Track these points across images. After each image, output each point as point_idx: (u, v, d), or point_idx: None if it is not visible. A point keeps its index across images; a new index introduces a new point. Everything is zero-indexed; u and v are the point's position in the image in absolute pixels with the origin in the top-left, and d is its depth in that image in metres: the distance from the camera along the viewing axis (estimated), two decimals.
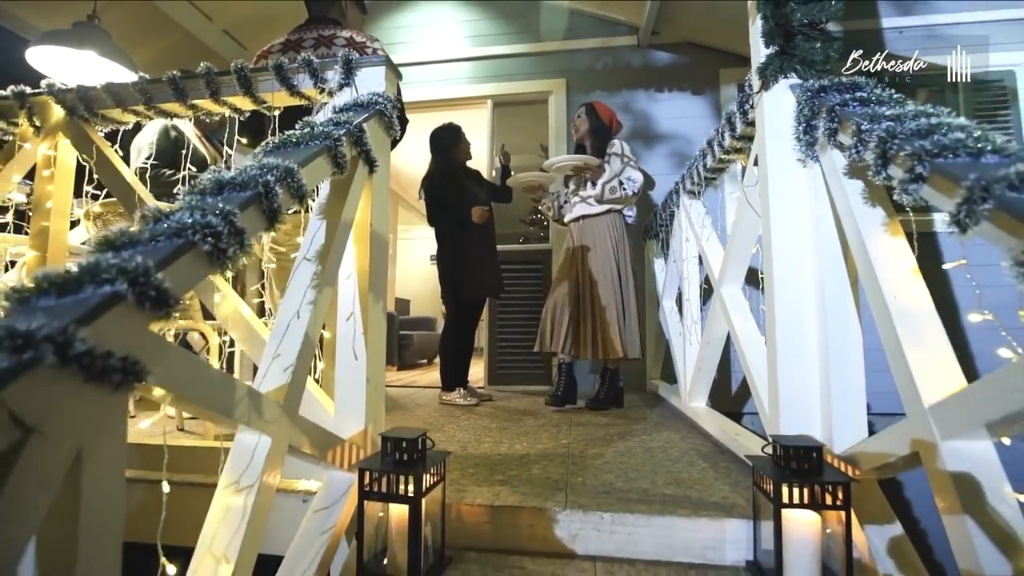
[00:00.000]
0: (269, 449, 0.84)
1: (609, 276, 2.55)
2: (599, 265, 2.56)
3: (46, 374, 0.44)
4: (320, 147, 0.98)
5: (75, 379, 0.47)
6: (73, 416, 0.47)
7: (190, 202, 0.68)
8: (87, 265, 0.53)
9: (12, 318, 0.46)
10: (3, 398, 0.42)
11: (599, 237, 2.61)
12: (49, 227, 1.51)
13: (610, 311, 2.50)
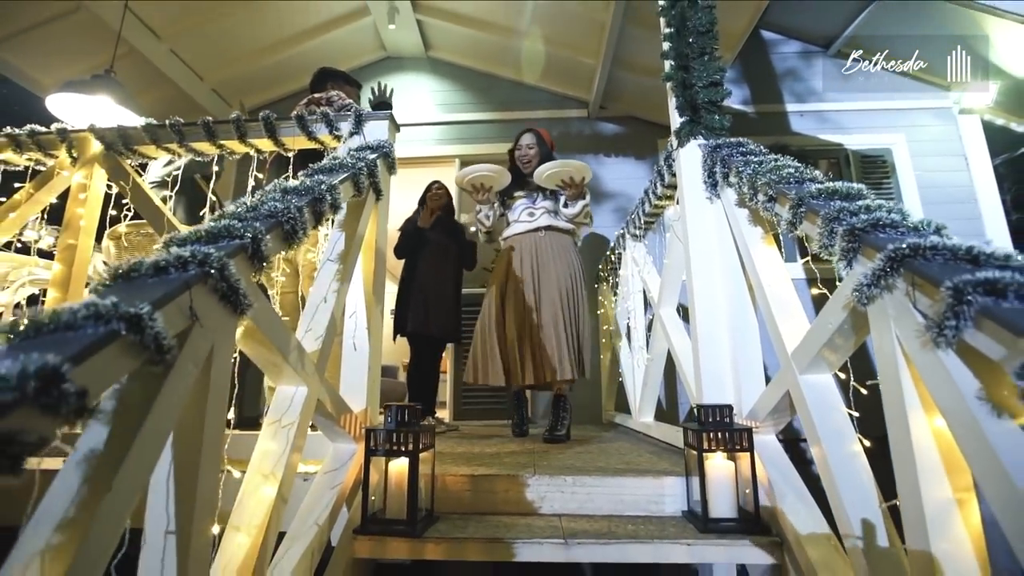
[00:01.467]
0: (306, 396, 1.07)
1: (570, 294, 2.40)
2: (562, 281, 2.40)
3: (206, 288, 0.70)
4: (348, 174, 1.28)
5: (216, 296, 0.73)
6: (213, 320, 0.73)
7: (275, 197, 0.96)
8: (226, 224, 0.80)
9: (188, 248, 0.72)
10: (191, 296, 0.68)
11: (564, 252, 2.47)
12: (76, 244, 1.70)
13: (569, 330, 2.33)
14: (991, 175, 4.25)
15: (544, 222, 2.51)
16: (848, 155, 4.31)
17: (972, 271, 0.63)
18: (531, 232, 2.52)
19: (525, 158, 2.64)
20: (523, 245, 2.51)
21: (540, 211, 2.54)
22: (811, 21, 4.39)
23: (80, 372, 0.45)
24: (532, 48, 4.06)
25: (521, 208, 2.58)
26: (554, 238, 2.50)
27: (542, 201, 2.55)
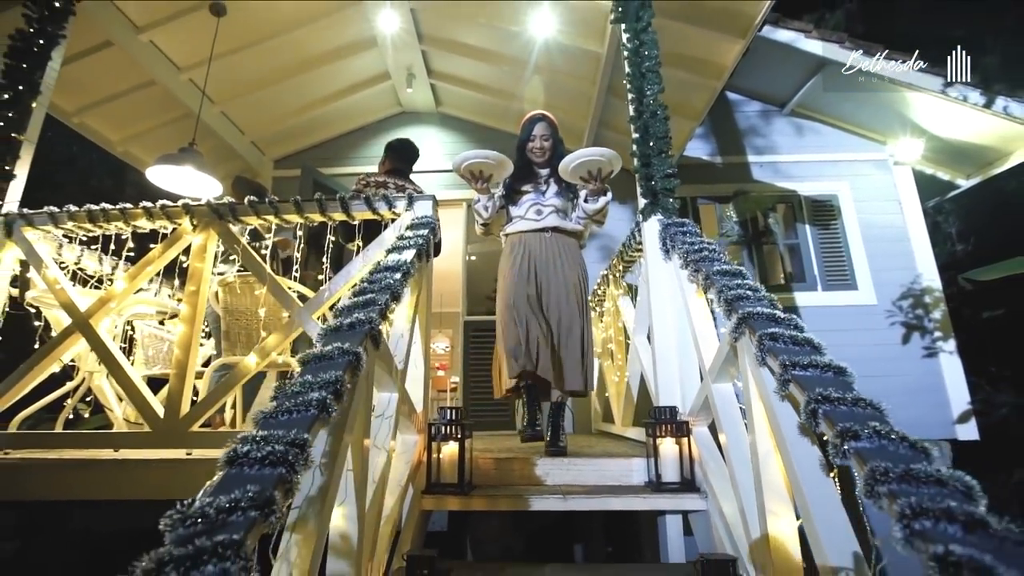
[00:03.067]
0: (397, 400, 1.66)
1: (578, 302, 2.31)
2: (571, 289, 2.30)
3: (370, 334, 1.31)
4: (418, 249, 1.89)
5: (371, 339, 1.33)
6: (370, 352, 1.33)
7: (386, 274, 1.57)
8: (371, 296, 1.40)
9: (341, 331, 1.32)
10: (367, 339, 1.28)
11: (572, 258, 2.37)
12: (197, 291, 2.29)
13: (582, 340, 2.26)
14: (921, 217, 4.98)
15: (551, 223, 2.37)
16: (801, 200, 5.02)
17: (769, 326, 1.25)
18: (537, 232, 2.38)
19: (540, 149, 2.45)
20: (530, 244, 2.37)
21: (549, 209, 2.38)
22: (767, 85, 5.14)
23: (343, 382, 1.05)
24: (531, 108, 4.74)
25: (528, 204, 2.42)
26: (561, 241, 2.38)
27: (552, 198, 2.40)
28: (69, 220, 2.39)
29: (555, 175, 2.42)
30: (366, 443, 1.38)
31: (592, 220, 2.36)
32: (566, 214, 2.42)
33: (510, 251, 2.42)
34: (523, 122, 2.54)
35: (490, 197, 2.39)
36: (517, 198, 2.48)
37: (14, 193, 2.57)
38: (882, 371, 4.53)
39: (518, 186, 2.48)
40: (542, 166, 2.49)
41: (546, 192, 2.43)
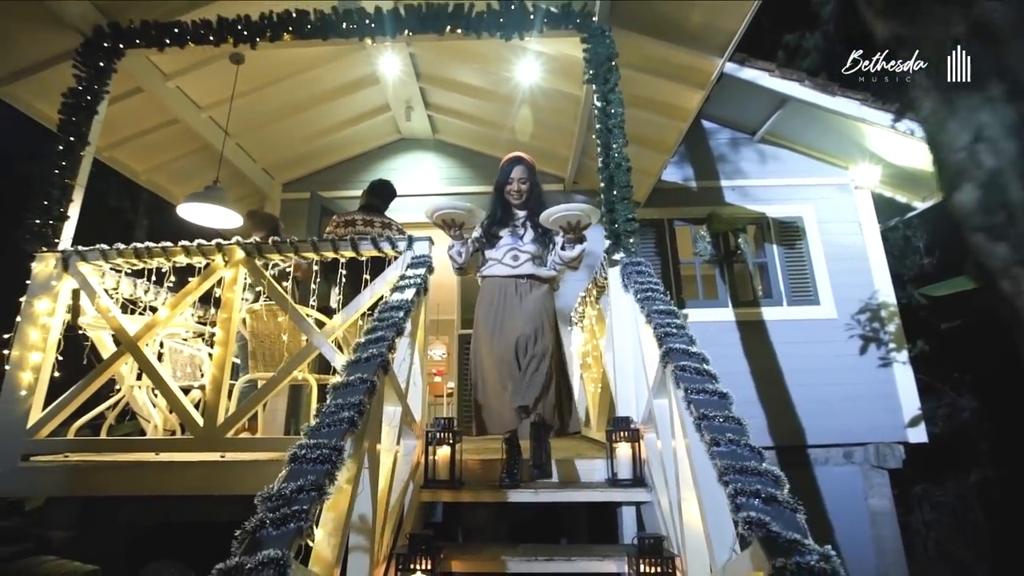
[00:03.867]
0: (401, 412, 2.08)
1: (552, 343, 2.40)
2: (546, 331, 2.39)
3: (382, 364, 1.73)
4: (417, 288, 2.30)
5: (383, 368, 1.75)
6: (380, 377, 1.74)
7: (392, 312, 1.98)
8: (382, 335, 1.82)
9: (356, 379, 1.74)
10: (381, 367, 1.70)
11: (543, 303, 2.46)
12: (229, 317, 2.70)
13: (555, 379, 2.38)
14: (878, 237, 5.42)
15: (527, 270, 2.47)
16: (769, 221, 5.45)
17: (683, 359, 1.66)
18: (513, 278, 2.48)
19: (517, 191, 2.55)
20: (506, 289, 2.47)
21: (525, 256, 2.48)
22: (738, 115, 5.58)
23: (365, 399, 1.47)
24: (520, 138, 5.17)
25: (506, 248, 2.51)
26: (534, 287, 2.48)
27: (529, 244, 2.50)
28: (118, 256, 2.80)
29: (532, 218, 2.52)
30: (378, 447, 1.79)
31: (567, 266, 2.47)
32: (542, 260, 2.52)
33: (487, 296, 2.51)
34: (502, 163, 2.63)
35: (463, 243, 2.49)
36: (495, 241, 2.55)
37: (68, 232, 2.96)
38: (841, 380, 4.96)
39: (496, 229, 2.56)
40: (519, 208, 2.58)
41: (524, 237, 2.52)
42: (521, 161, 2.60)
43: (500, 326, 2.40)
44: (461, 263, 2.51)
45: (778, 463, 4.86)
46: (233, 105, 4.03)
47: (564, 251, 2.40)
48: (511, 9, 3.11)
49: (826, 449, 4.98)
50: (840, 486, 4.96)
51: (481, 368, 2.43)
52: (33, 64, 3.38)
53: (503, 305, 2.44)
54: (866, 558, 4.81)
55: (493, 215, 2.58)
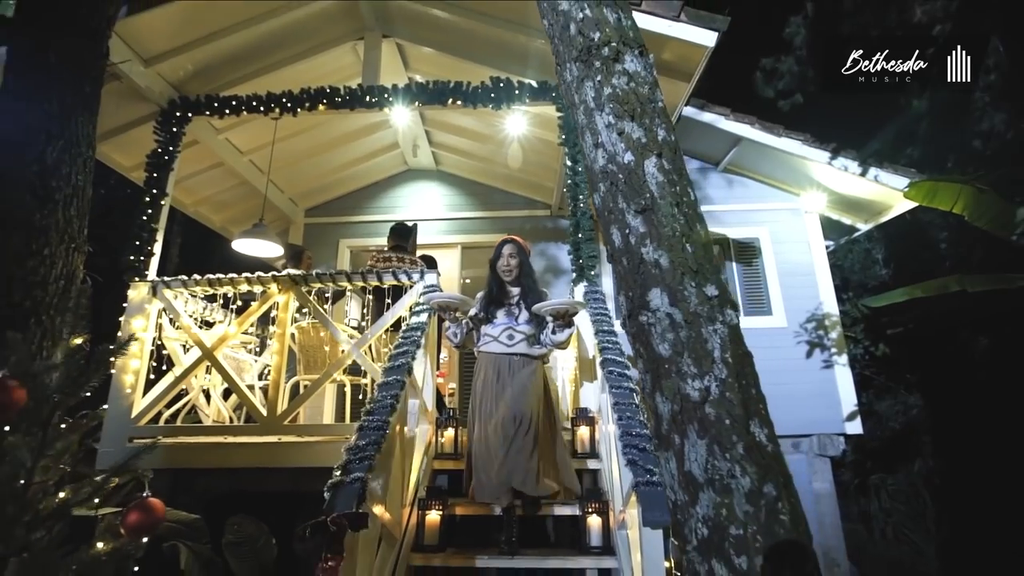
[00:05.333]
0: (419, 404, 2.88)
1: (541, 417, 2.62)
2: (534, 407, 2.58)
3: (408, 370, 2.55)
4: (428, 312, 3.11)
5: (408, 372, 2.57)
6: (407, 380, 2.56)
7: (413, 332, 2.79)
8: (406, 349, 2.64)
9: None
10: (406, 372, 2.52)
11: (535, 378, 2.69)
12: (283, 334, 3.50)
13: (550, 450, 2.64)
14: (824, 256, 6.22)
15: (520, 350, 2.69)
16: (730, 243, 6.25)
17: (611, 367, 2.47)
18: (507, 355, 2.69)
19: (507, 267, 2.80)
20: (500, 365, 2.68)
21: (520, 336, 2.70)
22: (704, 148, 6.38)
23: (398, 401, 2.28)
24: (512, 171, 5.98)
25: (502, 327, 2.73)
26: (527, 363, 2.69)
27: (523, 325, 2.71)
28: (195, 285, 3.61)
29: (525, 298, 2.76)
30: (405, 428, 2.60)
31: (556, 347, 2.72)
32: (535, 339, 2.71)
33: (482, 370, 2.73)
34: (497, 244, 2.93)
35: (459, 325, 2.72)
36: (492, 319, 2.77)
37: (154, 264, 3.77)
38: (790, 380, 5.75)
39: (493, 309, 2.79)
40: (512, 284, 2.82)
41: (518, 318, 2.74)
42: (511, 241, 2.88)
43: (494, 403, 2.60)
44: (457, 343, 2.76)
45: None
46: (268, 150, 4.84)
47: (555, 335, 2.61)
48: (500, 86, 3.92)
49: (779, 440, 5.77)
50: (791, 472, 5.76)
51: (472, 439, 2.64)
52: (117, 127, 4.19)
53: (496, 383, 2.65)
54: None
55: (489, 292, 2.82)
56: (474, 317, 2.79)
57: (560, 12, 1.44)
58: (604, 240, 1.39)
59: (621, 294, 1.29)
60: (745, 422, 1.05)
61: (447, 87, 3.95)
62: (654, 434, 1.25)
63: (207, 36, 3.94)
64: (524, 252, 2.88)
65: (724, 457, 1.02)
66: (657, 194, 1.21)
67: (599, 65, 1.33)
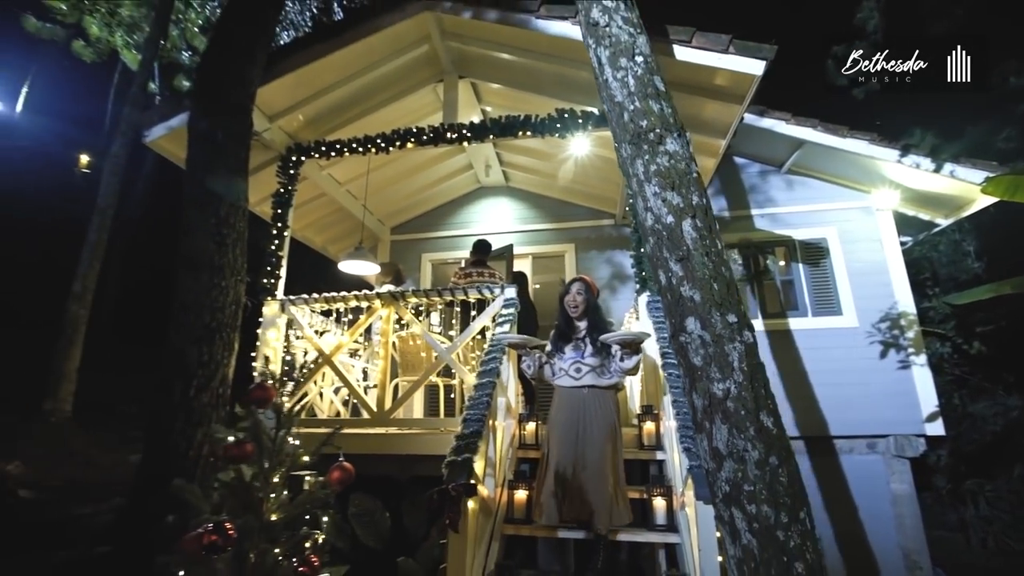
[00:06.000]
0: (505, 401, 3.40)
1: (612, 448, 2.79)
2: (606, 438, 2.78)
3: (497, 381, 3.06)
4: (509, 322, 3.62)
5: (498, 375, 3.08)
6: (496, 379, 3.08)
7: (497, 345, 3.31)
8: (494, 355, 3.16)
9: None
10: (497, 373, 3.03)
11: (606, 410, 2.86)
12: (386, 341, 4.15)
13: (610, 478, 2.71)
14: (899, 254, 6.11)
15: (588, 381, 2.87)
16: (795, 244, 6.31)
17: (669, 367, 2.84)
18: (576, 388, 2.89)
19: (573, 303, 3.00)
20: (572, 399, 2.90)
21: (587, 368, 2.89)
22: (765, 152, 6.47)
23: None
24: (577, 184, 6.40)
25: (570, 361, 2.95)
26: (597, 395, 2.87)
27: (589, 357, 2.91)
28: (315, 302, 4.34)
29: (591, 332, 2.97)
30: (496, 422, 3.12)
31: (627, 373, 2.89)
32: (602, 369, 2.91)
33: (557, 403, 2.98)
34: (566, 282, 3.22)
35: (533, 358, 3.03)
36: (561, 354, 3.01)
37: (281, 285, 4.56)
38: (861, 380, 5.75)
39: (562, 344, 3.03)
40: (579, 319, 3.03)
41: (584, 352, 2.93)
42: (579, 280, 3.13)
43: (570, 437, 2.82)
44: (531, 375, 3.09)
45: (806, 451, 5.75)
46: (363, 181, 5.58)
47: (623, 363, 2.80)
48: (565, 116, 4.36)
49: (850, 440, 5.78)
50: (864, 472, 5.74)
51: (546, 464, 2.87)
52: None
53: (568, 416, 2.88)
54: (888, 533, 5.58)
55: (558, 328, 3.09)
56: (547, 352, 3.05)
57: (616, 103, 1.87)
58: (653, 279, 1.81)
59: (667, 320, 1.71)
60: (756, 413, 1.43)
61: (517, 120, 4.45)
62: (692, 421, 1.65)
63: (315, 93, 4.70)
64: (591, 290, 3.08)
65: (740, 437, 1.41)
66: (692, 247, 1.62)
67: (646, 147, 1.75)
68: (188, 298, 3.05)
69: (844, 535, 5.51)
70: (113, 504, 4.24)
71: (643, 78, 1.84)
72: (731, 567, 1.43)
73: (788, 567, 1.23)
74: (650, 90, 1.81)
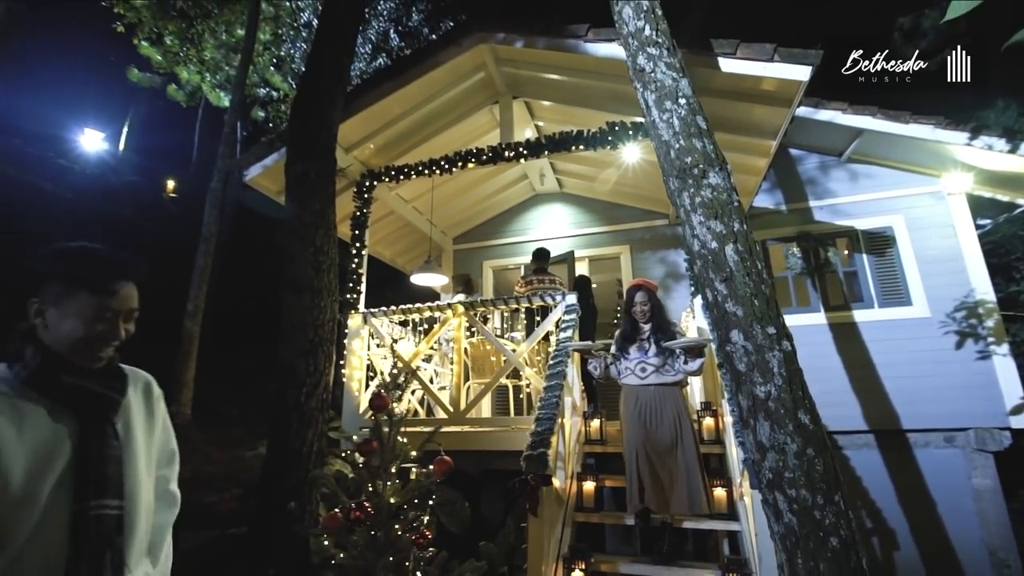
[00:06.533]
0: (572, 401, 3.71)
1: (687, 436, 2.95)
2: (677, 426, 2.96)
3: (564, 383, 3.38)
4: (572, 328, 3.92)
5: (564, 379, 3.40)
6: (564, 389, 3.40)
7: (563, 350, 3.62)
8: (561, 359, 3.47)
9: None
10: (563, 377, 3.35)
11: (672, 404, 3.03)
12: (458, 347, 4.56)
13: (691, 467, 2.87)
14: (975, 239, 5.86)
15: (653, 380, 3.06)
16: (858, 234, 6.18)
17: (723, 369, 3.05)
18: (643, 386, 3.08)
19: (641, 312, 3.18)
20: (639, 396, 3.08)
21: (651, 368, 3.07)
22: (822, 142, 6.38)
23: None
24: (630, 187, 6.58)
25: (636, 360, 3.13)
26: (663, 391, 3.05)
27: (653, 357, 3.09)
28: (393, 313, 4.83)
29: (655, 333, 3.15)
30: (565, 421, 3.44)
31: (690, 374, 3.09)
32: (667, 368, 3.08)
33: (625, 400, 3.18)
34: (627, 289, 3.38)
35: (600, 360, 3.25)
36: (627, 354, 3.20)
37: (362, 299, 5.09)
38: (934, 372, 5.58)
39: (627, 345, 3.22)
40: (644, 323, 3.21)
41: (649, 351, 3.12)
42: (642, 288, 3.28)
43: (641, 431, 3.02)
44: (597, 375, 3.30)
45: (876, 445, 5.68)
46: (427, 197, 6.05)
47: (687, 365, 3.02)
48: (616, 129, 4.60)
49: (924, 434, 5.63)
50: (942, 467, 5.58)
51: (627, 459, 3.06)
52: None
53: (641, 411, 3.07)
54: (970, 530, 5.41)
55: (624, 331, 3.29)
56: (612, 354, 3.26)
57: (663, 141, 2.11)
58: (702, 296, 2.06)
59: (714, 332, 1.96)
60: (794, 411, 1.65)
61: (570, 136, 4.73)
62: (739, 419, 1.89)
63: (384, 125, 5.19)
64: (653, 294, 3.26)
65: (781, 432, 1.64)
66: (734, 268, 1.86)
67: (691, 181, 1.99)
68: (294, 318, 3.57)
69: (921, 530, 5.41)
70: (234, 493, 4.93)
71: (686, 118, 2.08)
72: (776, 541, 1.66)
73: (824, 541, 1.45)
74: (693, 129, 2.05)
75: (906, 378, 5.63)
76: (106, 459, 1.00)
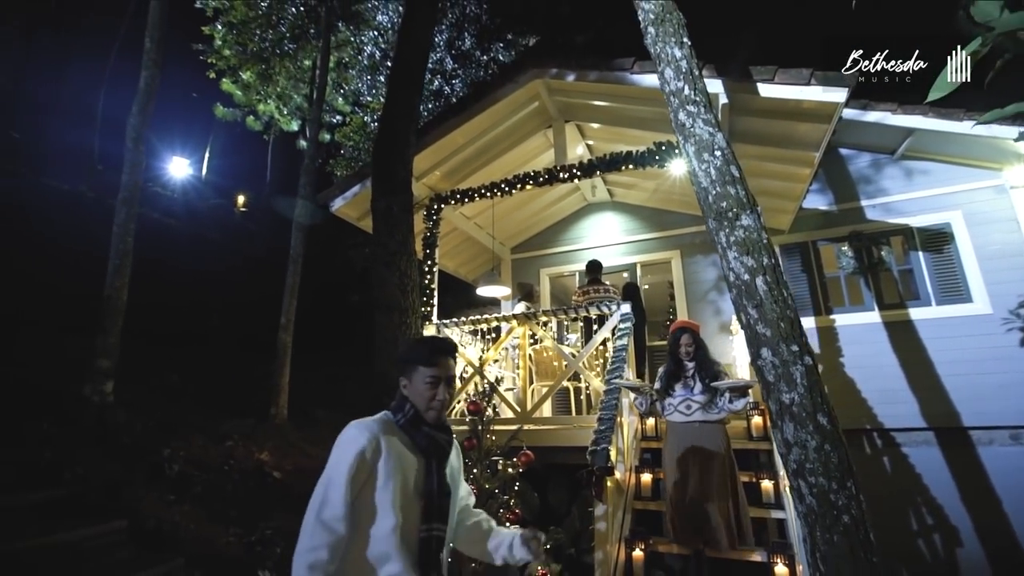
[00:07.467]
0: (628, 402, 4.14)
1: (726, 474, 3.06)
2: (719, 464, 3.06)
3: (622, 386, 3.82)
4: (627, 335, 4.35)
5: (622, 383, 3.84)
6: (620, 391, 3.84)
7: (620, 354, 4.06)
8: (618, 365, 3.92)
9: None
10: (619, 386, 3.79)
11: (715, 442, 3.13)
12: (522, 354, 5.08)
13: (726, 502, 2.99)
14: None
15: (698, 417, 3.17)
16: (913, 232, 6.19)
17: None
18: (687, 423, 3.20)
19: (685, 353, 3.32)
20: (684, 432, 3.22)
21: (696, 405, 3.18)
22: (874, 140, 6.41)
23: None
24: (679, 194, 6.87)
25: (680, 398, 3.26)
26: (706, 429, 3.16)
27: (698, 395, 3.20)
28: (464, 324, 5.41)
29: (699, 371, 3.28)
30: (623, 420, 3.88)
31: (734, 412, 3.20)
32: (711, 405, 3.20)
33: (670, 436, 3.34)
34: (672, 330, 3.52)
35: (645, 396, 3.42)
36: (672, 392, 3.34)
37: (435, 310, 5.71)
38: (998, 369, 5.56)
39: (671, 383, 3.37)
40: (688, 362, 3.35)
41: (694, 389, 3.25)
42: (687, 330, 3.41)
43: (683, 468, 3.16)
44: (643, 411, 3.53)
45: (936, 443, 5.72)
46: (487, 212, 6.60)
47: (731, 404, 3.15)
48: (663, 148, 4.95)
49: (988, 431, 5.62)
50: (1008, 464, 5.54)
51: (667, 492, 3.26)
52: None
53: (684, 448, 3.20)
54: None
55: (668, 370, 3.43)
56: (658, 391, 3.42)
57: (702, 187, 2.50)
58: (737, 319, 2.45)
59: (748, 348, 2.35)
60: (814, 414, 2.02)
61: (619, 156, 5.12)
62: (771, 419, 2.28)
63: (449, 155, 5.79)
64: (696, 334, 3.41)
65: (803, 431, 2.02)
66: (764, 297, 2.24)
67: (726, 223, 2.38)
68: (386, 334, 4.20)
69: (985, 528, 5.42)
70: None
71: (722, 168, 2.46)
72: (799, 518, 2.03)
73: (838, 518, 1.81)
74: (727, 177, 2.43)
75: (967, 375, 5.64)
76: (442, 493, 1.40)
